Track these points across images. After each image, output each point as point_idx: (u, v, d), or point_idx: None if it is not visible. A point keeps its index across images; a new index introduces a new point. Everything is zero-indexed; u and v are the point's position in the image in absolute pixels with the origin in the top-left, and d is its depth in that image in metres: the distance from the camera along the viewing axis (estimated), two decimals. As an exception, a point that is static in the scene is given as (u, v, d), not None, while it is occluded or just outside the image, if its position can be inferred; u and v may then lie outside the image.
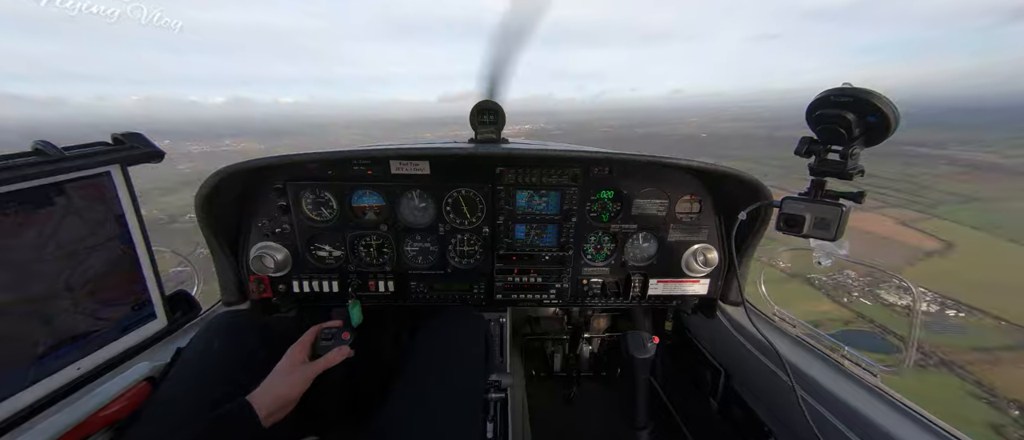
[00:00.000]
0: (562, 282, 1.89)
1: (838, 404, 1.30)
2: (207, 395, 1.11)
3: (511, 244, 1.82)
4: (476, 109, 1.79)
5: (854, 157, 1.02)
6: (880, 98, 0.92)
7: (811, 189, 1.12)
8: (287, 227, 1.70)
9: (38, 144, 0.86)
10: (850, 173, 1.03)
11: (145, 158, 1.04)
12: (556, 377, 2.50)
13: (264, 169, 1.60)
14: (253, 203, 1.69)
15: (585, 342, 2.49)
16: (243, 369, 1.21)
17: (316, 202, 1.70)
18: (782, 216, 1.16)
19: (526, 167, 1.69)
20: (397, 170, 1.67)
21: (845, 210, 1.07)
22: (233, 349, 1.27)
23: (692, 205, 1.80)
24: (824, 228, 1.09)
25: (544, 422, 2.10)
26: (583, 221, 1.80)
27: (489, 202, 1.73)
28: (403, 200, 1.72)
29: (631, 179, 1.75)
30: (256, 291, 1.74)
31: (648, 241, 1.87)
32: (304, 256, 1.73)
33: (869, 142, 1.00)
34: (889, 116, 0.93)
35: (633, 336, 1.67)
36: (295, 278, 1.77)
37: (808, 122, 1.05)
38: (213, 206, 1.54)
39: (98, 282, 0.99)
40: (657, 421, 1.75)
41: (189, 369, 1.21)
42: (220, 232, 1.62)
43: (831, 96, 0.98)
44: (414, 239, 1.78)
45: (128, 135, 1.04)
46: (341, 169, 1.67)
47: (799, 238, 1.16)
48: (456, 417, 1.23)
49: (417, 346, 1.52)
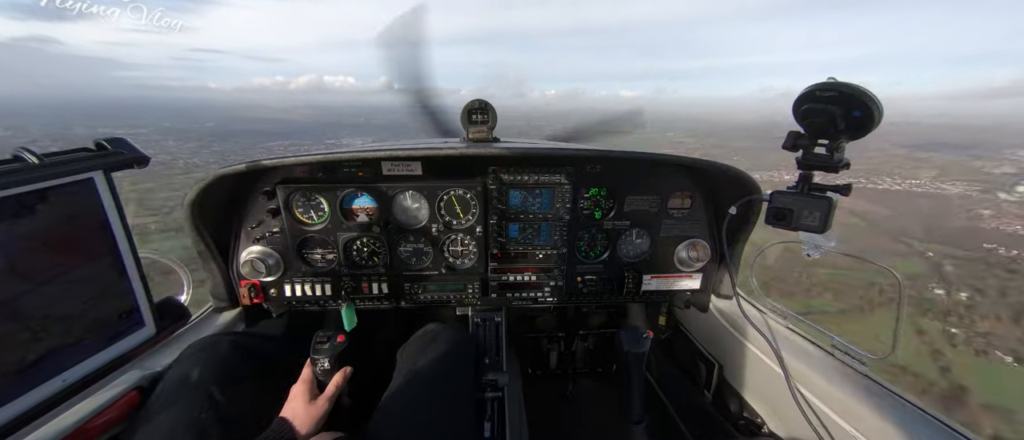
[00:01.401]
0: (556, 280, 1.90)
1: (829, 393, 1.32)
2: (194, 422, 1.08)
3: (505, 243, 1.81)
4: (467, 109, 1.78)
5: (840, 151, 1.04)
6: (865, 93, 0.94)
7: (799, 182, 1.14)
8: (277, 231, 1.68)
9: (16, 151, 0.84)
10: (837, 166, 1.05)
11: (128, 164, 1.03)
12: (552, 374, 2.51)
13: (253, 173, 1.57)
14: (243, 207, 1.66)
15: (580, 339, 2.50)
16: (228, 396, 1.18)
17: (307, 205, 1.68)
18: (771, 210, 1.18)
19: (518, 166, 1.69)
20: (389, 171, 1.66)
21: (833, 202, 1.09)
22: (216, 373, 1.23)
23: (684, 201, 1.82)
24: (812, 220, 1.10)
25: (541, 419, 2.11)
26: (576, 219, 1.81)
27: (482, 201, 1.73)
28: (396, 201, 1.71)
29: (623, 176, 1.76)
30: (247, 296, 1.71)
31: (641, 237, 1.88)
32: (296, 260, 1.72)
33: (854, 136, 1.02)
34: (873, 110, 0.94)
35: (627, 331, 1.68)
36: (287, 282, 1.75)
37: (795, 116, 1.06)
38: (203, 211, 1.52)
39: (83, 291, 0.97)
40: (653, 415, 1.77)
41: (171, 396, 1.16)
42: (210, 237, 1.59)
43: (816, 91, 0.99)
44: (408, 240, 1.77)
45: (111, 140, 1.02)
46: (332, 172, 1.65)
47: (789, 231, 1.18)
48: (452, 417, 1.23)
49: (411, 347, 1.52)
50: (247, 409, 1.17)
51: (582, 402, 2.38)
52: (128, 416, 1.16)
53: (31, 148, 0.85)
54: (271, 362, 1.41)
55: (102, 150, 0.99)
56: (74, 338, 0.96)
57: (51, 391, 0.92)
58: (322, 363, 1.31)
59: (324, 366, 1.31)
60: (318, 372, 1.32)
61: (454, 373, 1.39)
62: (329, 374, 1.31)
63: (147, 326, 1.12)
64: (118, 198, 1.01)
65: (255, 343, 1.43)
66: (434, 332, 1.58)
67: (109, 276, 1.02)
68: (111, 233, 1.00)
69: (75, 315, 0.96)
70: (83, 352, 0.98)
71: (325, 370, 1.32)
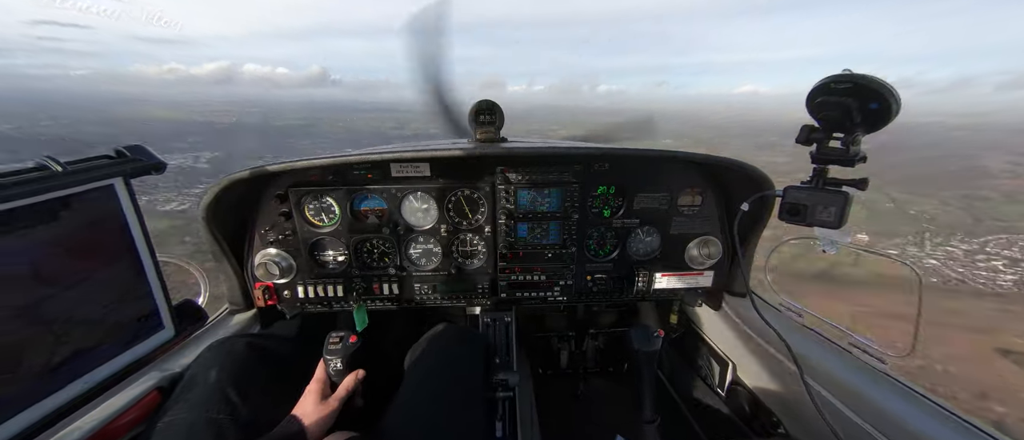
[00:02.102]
0: (566, 279, 1.89)
1: (847, 393, 1.30)
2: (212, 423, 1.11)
3: (514, 243, 1.81)
4: (474, 109, 1.79)
5: (856, 144, 1.01)
6: (881, 84, 0.91)
7: (813, 177, 1.12)
8: (290, 234, 1.71)
9: (40, 160, 0.87)
10: (853, 160, 1.03)
11: (147, 170, 1.05)
12: (563, 374, 2.50)
13: (265, 176, 1.60)
14: (255, 211, 1.69)
15: (591, 338, 2.49)
16: (243, 396, 1.21)
17: (318, 208, 1.70)
18: (784, 205, 1.15)
19: (526, 165, 1.69)
20: (397, 173, 1.67)
21: (849, 197, 1.06)
22: (232, 374, 1.25)
23: (694, 198, 1.80)
24: (828, 216, 1.08)
25: (552, 419, 2.11)
26: (585, 217, 1.80)
27: (490, 202, 1.73)
28: (405, 202, 1.72)
29: (632, 174, 1.75)
30: (261, 298, 1.74)
31: (651, 235, 1.86)
32: (308, 262, 1.74)
33: (871, 129, 0.99)
34: (891, 102, 0.92)
35: (638, 330, 1.66)
36: (299, 284, 1.77)
37: (808, 110, 1.04)
38: (217, 215, 1.55)
39: (104, 295, 0.99)
40: (665, 414, 1.75)
41: (189, 397, 1.18)
42: (224, 240, 1.62)
43: (831, 83, 0.97)
44: (417, 241, 1.79)
45: (131, 147, 1.04)
46: (342, 174, 1.67)
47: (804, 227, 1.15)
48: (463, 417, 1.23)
49: (422, 347, 1.53)
50: (262, 408, 1.19)
51: (593, 402, 2.37)
52: (149, 416, 1.18)
53: (55, 156, 0.88)
54: (285, 363, 1.43)
55: (122, 157, 1.02)
56: (96, 341, 0.99)
57: (76, 392, 0.95)
58: (335, 363, 1.33)
59: (337, 366, 1.33)
60: (331, 372, 1.34)
61: (465, 373, 1.39)
62: (342, 374, 1.33)
63: (166, 328, 1.14)
64: (137, 204, 1.03)
65: (270, 344, 1.45)
66: (444, 332, 1.59)
67: (129, 280, 1.05)
68: (131, 238, 1.03)
69: (97, 318, 0.98)
70: (105, 354, 1.01)
71: (338, 370, 1.33)
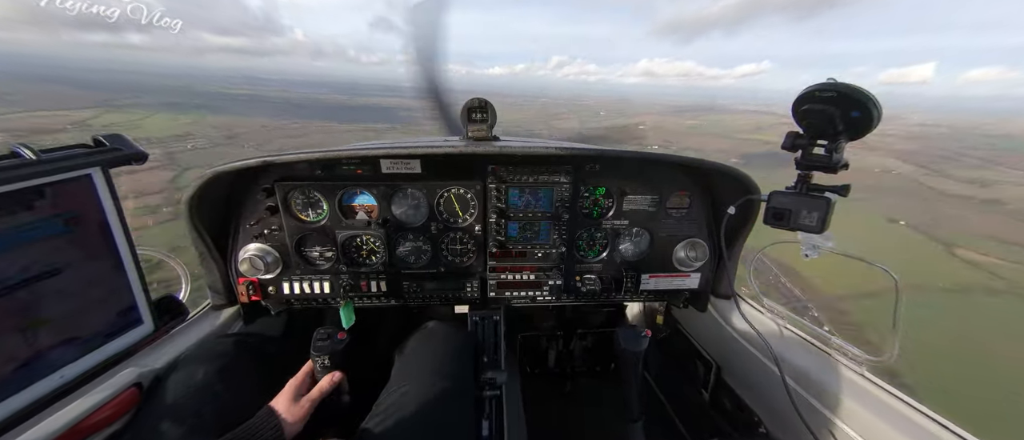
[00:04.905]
0: (555, 279, 1.90)
1: (825, 394, 1.33)
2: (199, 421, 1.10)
3: (504, 242, 1.81)
4: (466, 107, 1.78)
5: (839, 151, 1.04)
6: (863, 93, 0.94)
7: (797, 183, 1.14)
8: (276, 228, 1.68)
9: (13, 147, 0.84)
10: (835, 166, 1.05)
11: (127, 160, 1.02)
12: (551, 373, 2.51)
13: (252, 170, 1.57)
14: (241, 205, 1.66)
15: (579, 338, 2.50)
16: (231, 394, 1.20)
17: (305, 203, 1.68)
18: (769, 210, 1.18)
19: (518, 165, 1.69)
20: (388, 169, 1.66)
21: (831, 202, 1.09)
22: (220, 372, 1.24)
23: (682, 200, 1.82)
24: (810, 221, 1.11)
25: (539, 418, 2.12)
26: (575, 218, 1.81)
27: (481, 200, 1.72)
28: (394, 199, 1.71)
29: (622, 175, 1.76)
30: (245, 293, 1.71)
31: (640, 236, 1.88)
32: (294, 257, 1.71)
33: (853, 136, 1.02)
34: (872, 111, 0.95)
35: (625, 330, 1.68)
36: (285, 279, 1.75)
37: (794, 117, 1.06)
38: (201, 208, 1.52)
39: (80, 288, 0.97)
40: (650, 413, 1.77)
41: (175, 394, 1.18)
42: (208, 234, 1.59)
43: (816, 92, 0.99)
44: (406, 238, 1.77)
45: (110, 137, 1.02)
46: (330, 169, 1.65)
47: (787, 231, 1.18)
48: (450, 415, 1.23)
49: (410, 345, 1.52)
50: (248, 408, 1.17)
51: (580, 401, 2.39)
52: (126, 413, 1.16)
53: (29, 144, 0.85)
54: (273, 361, 1.41)
55: (100, 146, 0.99)
56: (72, 334, 0.96)
57: (49, 387, 0.92)
58: (322, 360, 1.32)
59: (325, 363, 1.32)
60: (318, 369, 1.32)
61: (452, 371, 1.39)
62: (329, 371, 1.32)
63: (145, 323, 1.12)
64: (116, 195, 1.01)
65: (258, 342, 1.43)
66: (433, 330, 1.58)
67: (107, 273, 1.02)
68: (109, 230, 1.00)
69: (73, 312, 0.96)
70: (81, 349, 0.98)
71: (325, 367, 1.32)
